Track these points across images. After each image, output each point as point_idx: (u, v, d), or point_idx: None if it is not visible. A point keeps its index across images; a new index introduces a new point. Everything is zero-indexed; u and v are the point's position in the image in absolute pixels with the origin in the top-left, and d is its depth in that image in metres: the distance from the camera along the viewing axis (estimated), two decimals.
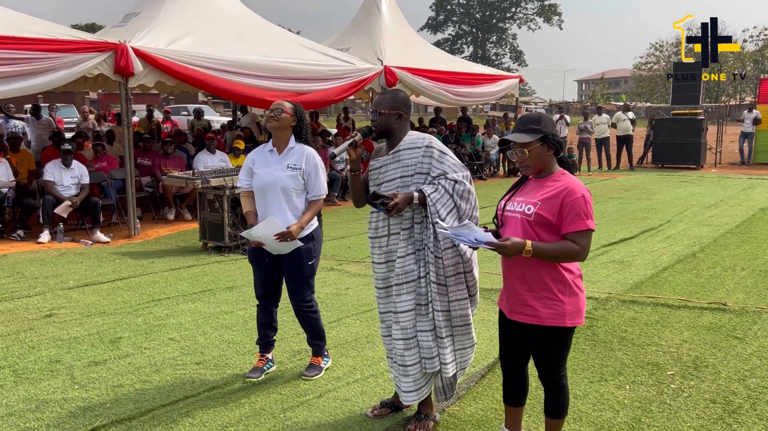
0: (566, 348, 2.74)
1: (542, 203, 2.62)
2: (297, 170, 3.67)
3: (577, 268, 2.72)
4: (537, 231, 2.61)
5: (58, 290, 5.75)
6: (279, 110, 3.66)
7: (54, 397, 3.62)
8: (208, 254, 7.23)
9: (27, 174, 8.85)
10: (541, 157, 2.68)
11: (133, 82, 8.07)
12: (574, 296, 2.67)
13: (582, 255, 2.59)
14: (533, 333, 2.72)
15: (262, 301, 3.91)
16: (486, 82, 13.65)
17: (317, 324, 3.89)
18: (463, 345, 3.19)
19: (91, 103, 31.53)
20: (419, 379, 3.16)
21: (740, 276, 6.09)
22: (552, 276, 2.65)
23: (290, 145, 3.73)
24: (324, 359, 3.98)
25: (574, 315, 2.66)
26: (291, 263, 3.71)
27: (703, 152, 16.70)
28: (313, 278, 3.81)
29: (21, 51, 6.92)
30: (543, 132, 2.65)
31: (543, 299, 2.65)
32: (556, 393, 2.79)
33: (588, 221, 2.58)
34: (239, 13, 10.20)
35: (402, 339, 3.12)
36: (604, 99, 49.81)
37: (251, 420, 3.36)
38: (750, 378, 3.81)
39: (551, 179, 2.69)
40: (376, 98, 3.22)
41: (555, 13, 67.95)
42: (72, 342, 4.47)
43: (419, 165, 3.10)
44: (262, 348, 3.98)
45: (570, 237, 2.58)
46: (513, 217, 2.69)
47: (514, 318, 2.75)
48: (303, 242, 3.67)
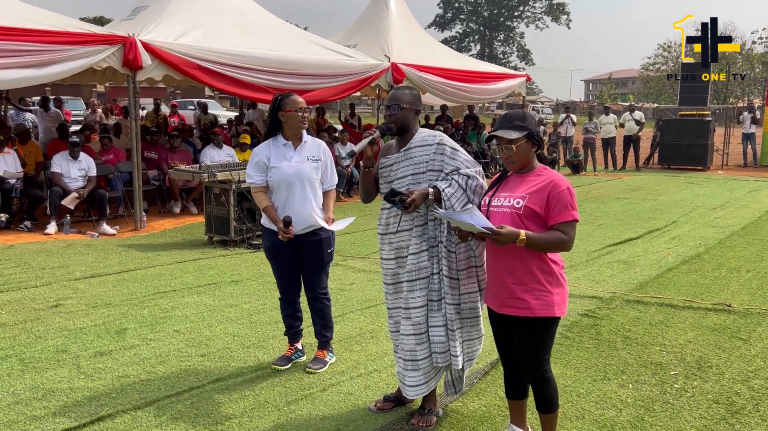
0: (552, 339, 2.83)
1: (530, 196, 2.71)
2: (318, 161, 3.79)
3: (561, 260, 2.82)
4: (526, 224, 2.70)
5: (65, 281, 5.79)
6: (308, 110, 3.75)
7: (60, 386, 3.65)
8: (214, 248, 7.25)
9: (35, 165, 8.89)
10: (526, 153, 2.77)
11: (141, 75, 8.09)
12: (560, 287, 2.77)
13: (569, 244, 2.70)
14: (523, 325, 2.77)
15: (286, 294, 3.94)
16: (493, 80, 13.64)
17: (329, 314, 3.95)
18: (471, 336, 3.23)
19: (99, 96, 31.60)
20: (429, 373, 3.20)
21: (745, 277, 6.07)
22: (541, 268, 2.73)
23: (304, 138, 3.80)
24: (329, 354, 4.01)
25: (560, 306, 2.76)
26: (312, 252, 3.79)
27: (710, 153, 16.64)
28: (329, 266, 3.92)
29: (30, 43, 6.96)
30: (528, 129, 2.75)
31: (533, 291, 2.72)
32: (544, 386, 2.84)
33: (573, 212, 2.70)
34: (247, 7, 10.22)
35: (414, 335, 3.15)
36: (611, 99, 49.65)
37: (255, 412, 3.38)
38: (753, 379, 3.81)
39: (534, 174, 2.79)
40: (392, 93, 3.22)
41: (563, 12, 67.70)
42: (78, 332, 4.50)
43: (431, 162, 3.11)
44: (291, 338, 4.04)
45: (557, 228, 2.69)
46: (501, 212, 2.76)
47: (504, 312, 2.80)
48: (323, 230, 3.76)
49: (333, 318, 4.02)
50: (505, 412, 3.39)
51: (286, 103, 3.70)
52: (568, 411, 3.41)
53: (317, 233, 3.76)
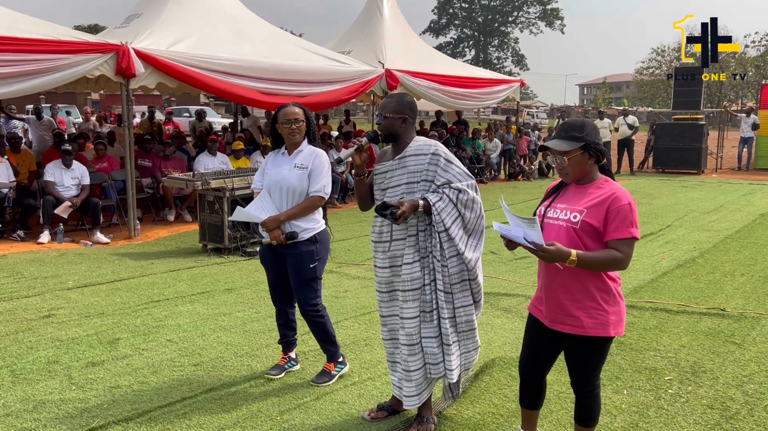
0: (604, 357, 2.71)
1: (588, 210, 2.56)
2: (304, 169, 3.68)
3: (618, 276, 2.69)
4: (583, 239, 2.56)
5: (57, 291, 5.76)
6: (298, 121, 3.67)
7: (51, 398, 3.62)
8: (208, 256, 7.23)
9: (27, 174, 8.87)
10: (581, 165, 2.62)
11: (135, 83, 8.08)
12: (616, 305, 2.64)
13: (624, 263, 2.53)
14: (574, 342, 2.67)
15: (276, 302, 3.92)
16: (487, 85, 13.66)
17: (324, 329, 3.82)
18: (467, 348, 3.22)
19: (93, 104, 31.57)
20: (421, 384, 3.18)
21: (739, 281, 6.08)
22: (597, 286, 2.60)
23: (301, 147, 3.74)
24: (337, 366, 3.91)
25: (617, 325, 2.63)
26: (293, 264, 3.70)
27: (704, 157, 16.69)
28: (317, 281, 3.75)
29: (22, 53, 6.95)
30: (585, 140, 2.59)
31: (588, 309, 2.60)
32: (590, 401, 2.77)
33: (633, 229, 2.53)
34: (241, 15, 10.23)
35: (407, 345, 3.13)
36: (605, 103, 49.79)
37: (248, 422, 3.36)
38: (748, 384, 3.80)
39: (594, 186, 2.63)
40: (382, 101, 3.23)
41: (557, 17, 68.00)
42: (70, 342, 4.47)
43: (425, 172, 3.10)
44: (284, 347, 4.00)
45: (613, 245, 2.53)
46: (556, 225, 2.63)
47: (555, 328, 2.68)
48: (304, 244, 3.66)
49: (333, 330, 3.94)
50: (499, 419, 3.38)
51: (278, 116, 3.71)
52: (562, 418, 3.40)
53: (297, 246, 3.65)
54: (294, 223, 3.66)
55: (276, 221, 3.63)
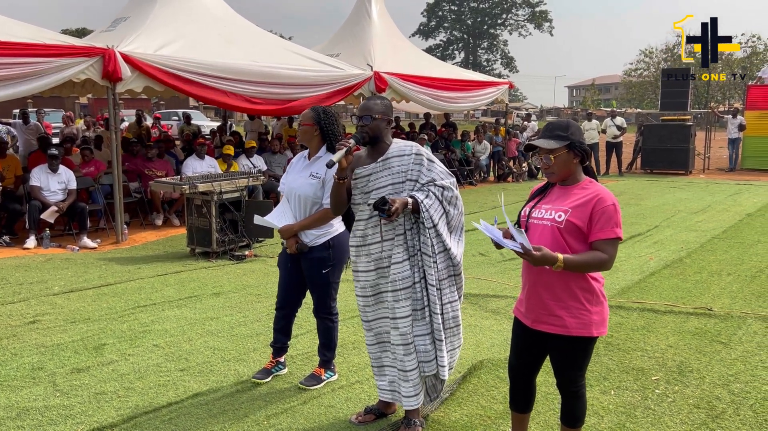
0: (588, 357, 2.72)
1: (573, 210, 2.59)
2: (317, 179, 3.57)
3: (601, 276, 2.69)
4: (567, 239, 2.58)
5: (43, 296, 5.70)
6: (303, 126, 3.63)
7: (35, 405, 3.58)
8: (196, 260, 7.19)
9: (13, 179, 8.78)
10: (567, 164, 2.65)
11: (121, 87, 8.03)
12: (599, 305, 2.64)
13: (609, 264, 2.55)
14: (558, 343, 2.68)
15: (280, 306, 3.87)
16: (476, 88, 13.69)
17: (330, 334, 3.81)
18: (453, 345, 3.24)
19: (82, 108, 31.38)
20: (417, 384, 3.19)
21: (726, 281, 6.12)
22: (580, 286, 2.61)
23: (319, 153, 3.64)
24: (327, 372, 3.90)
25: (599, 325, 2.64)
26: (308, 269, 3.69)
27: (692, 158, 16.81)
28: (332, 286, 3.72)
29: (5, 57, 6.87)
30: (570, 139, 2.62)
31: (570, 309, 2.61)
32: (575, 402, 2.77)
33: (617, 229, 2.55)
34: (228, 18, 10.18)
35: (402, 345, 3.14)
36: (594, 105, 50.10)
37: (235, 427, 3.34)
38: (734, 383, 3.82)
39: (579, 187, 2.66)
40: (364, 103, 3.22)
41: (546, 19, 68.27)
42: (55, 348, 4.43)
43: (410, 172, 3.12)
44: (275, 351, 3.97)
45: (597, 245, 2.55)
46: (541, 224, 2.65)
47: (538, 328, 2.68)
48: (317, 250, 3.63)
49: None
50: (487, 422, 3.38)
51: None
52: (550, 419, 3.40)
53: (311, 252, 3.64)
54: (307, 231, 3.63)
55: (290, 231, 3.62)
